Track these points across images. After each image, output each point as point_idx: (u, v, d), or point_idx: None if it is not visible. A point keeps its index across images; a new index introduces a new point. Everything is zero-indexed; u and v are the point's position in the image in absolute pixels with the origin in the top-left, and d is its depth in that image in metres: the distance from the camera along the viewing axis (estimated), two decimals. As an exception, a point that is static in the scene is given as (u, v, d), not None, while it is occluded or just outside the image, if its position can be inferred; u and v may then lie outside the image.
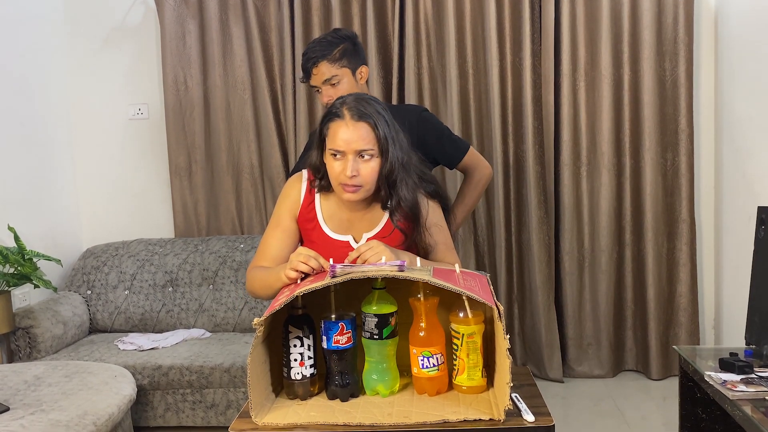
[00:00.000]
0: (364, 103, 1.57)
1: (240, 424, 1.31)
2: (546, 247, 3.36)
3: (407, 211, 1.63)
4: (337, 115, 1.57)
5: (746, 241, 2.88)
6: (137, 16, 3.62)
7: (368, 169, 1.56)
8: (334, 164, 1.57)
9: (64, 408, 2.19)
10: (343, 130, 1.55)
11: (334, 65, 2.14)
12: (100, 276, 3.37)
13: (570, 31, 3.32)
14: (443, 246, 1.71)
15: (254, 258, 1.70)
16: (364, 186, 1.58)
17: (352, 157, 1.55)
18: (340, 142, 1.54)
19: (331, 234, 1.68)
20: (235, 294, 3.29)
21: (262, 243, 1.72)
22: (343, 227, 1.68)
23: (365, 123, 1.55)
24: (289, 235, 1.70)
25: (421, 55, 3.40)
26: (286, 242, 1.69)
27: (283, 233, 1.70)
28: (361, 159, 1.56)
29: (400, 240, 1.67)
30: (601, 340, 3.45)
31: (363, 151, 1.55)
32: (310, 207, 1.69)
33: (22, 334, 2.94)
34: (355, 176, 1.55)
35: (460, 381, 1.42)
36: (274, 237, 1.70)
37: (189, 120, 3.56)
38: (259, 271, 1.63)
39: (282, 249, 1.68)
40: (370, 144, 1.55)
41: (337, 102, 1.61)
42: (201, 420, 2.84)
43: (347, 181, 1.55)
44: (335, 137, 1.56)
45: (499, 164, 3.38)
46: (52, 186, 3.49)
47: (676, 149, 3.32)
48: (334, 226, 1.68)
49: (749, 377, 1.65)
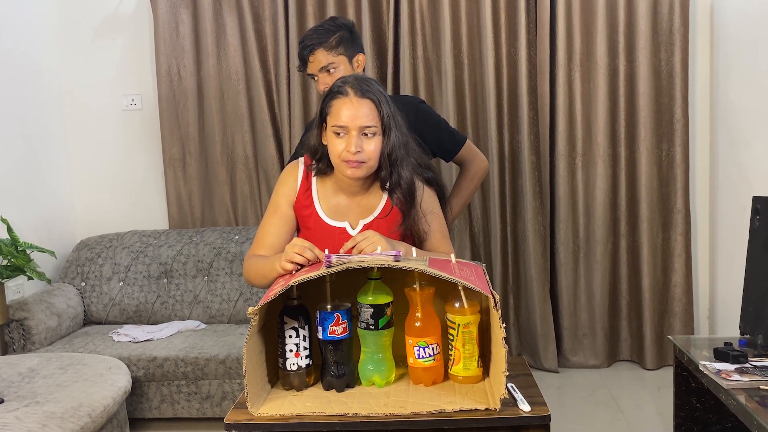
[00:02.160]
0: (366, 82, 1.59)
1: (235, 415, 1.31)
2: (541, 237, 3.36)
3: (405, 190, 1.64)
4: (340, 92, 1.57)
5: (741, 231, 2.88)
6: (130, 6, 3.59)
7: (372, 146, 1.57)
8: (336, 142, 1.57)
9: (58, 400, 2.19)
10: (348, 107, 1.55)
11: (331, 53, 2.13)
12: (95, 268, 3.36)
13: (565, 21, 3.31)
14: (439, 234, 1.71)
15: (251, 246, 1.70)
16: (367, 162, 1.57)
17: (356, 133, 1.55)
18: (345, 119, 1.54)
19: (327, 220, 1.67)
20: (230, 285, 3.28)
21: (259, 231, 1.72)
22: (339, 213, 1.68)
23: (369, 100, 1.56)
24: (286, 221, 1.69)
25: (416, 45, 3.38)
26: (283, 229, 1.69)
27: (280, 220, 1.69)
28: (365, 137, 1.56)
29: (398, 221, 1.66)
30: (596, 331, 3.46)
31: (367, 128, 1.55)
32: (307, 193, 1.69)
33: (16, 326, 2.93)
34: (359, 152, 1.55)
35: (456, 371, 1.42)
36: (271, 224, 1.70)
37: (183, 111, 3.54)
38: (255, 260, 1.62)
39: (279, 236, 1.68)
40: (374, 121, 1.56)
41: (338, 81, 1.62)
42: (196, 411, 2.84)
43: (351, 157, 1.55)
44: (339, 114, 1.56)
45: (495, 155, 3.37)
46: (45, 177, 3.47)
47: (671, 140, 3.33)
48: (330, 212, 1.68)
49: (743, 366, 1.65)
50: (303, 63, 2.18)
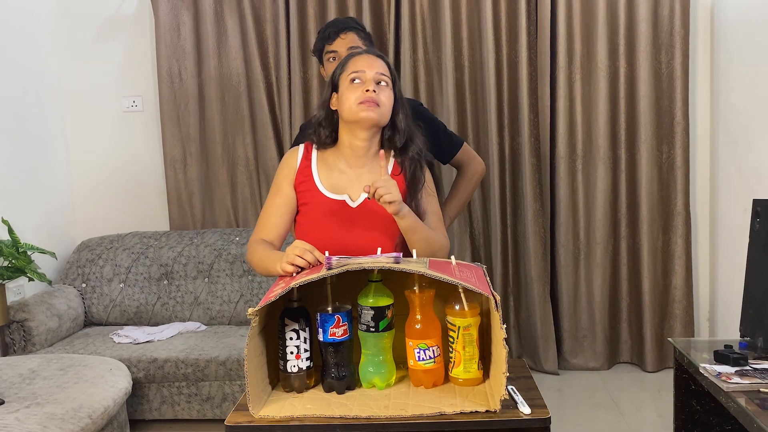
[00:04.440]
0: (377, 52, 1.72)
1: (236, 417, 1.31)
2: (541, 239, 3.36)
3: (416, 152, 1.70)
4: (353, 55, 1.70)
5: (741, 233, 2.88)
6: (131, 7, 3.59)
7: (386, 94, 1.65)
8: (353, 87, 1.64)
9: (59, 401, 2.19)
10: (364, 58, 1.67)
11: (362, 40, 2.26)
12: (95, 269, 3.36)
13: (566, 23, 3.31)
14: (435, 216, 1.73)
15: (255, 229, 1.73)
16: (381, 107, 1.63)
17: (372, 79, 1.63)
18: (361, 66, 1.65)
19: (326, 193, 1.68)
20: (231, 287, 3.28)
21: (261, 213, 1.75)
22: (339, 187, 1.69)
23: (381, 60, 1.68)
24: (286, 201, 1.71)
25: (417, 47, 3.39)
26: (284, 209, 1.71)
27: (281, 200, 1.71)
28: (379, 86, 1.64)
29: (403, 189, 1.68)
30: (596, 333, 3.46)
31: (382, 76, 1.65)
32: (307, 171, 1.71)
33: (17, 327, 2.93)
34: (376, 93, 1.62)
35: (457, 373, 1.42)
36: (273, 205, 1.72)
37: (184, 112, 3.54)
38: (258, 249, 1.63)
39: (281, 216, 1.70)
40: (387, 74, 1.66)
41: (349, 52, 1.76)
42: (196, 413, 2.84)
43: (368, 96, 1.61)
44: (355, 64, 1.66)
45: (495, 157, 3.37)
46: (46, 178, 3.48)
47: (671, 142, 3.33)
48: (330, 186, 1.69)
49: (744, 369, 1.65)
50: (330, 39, 2.23)
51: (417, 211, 1.67)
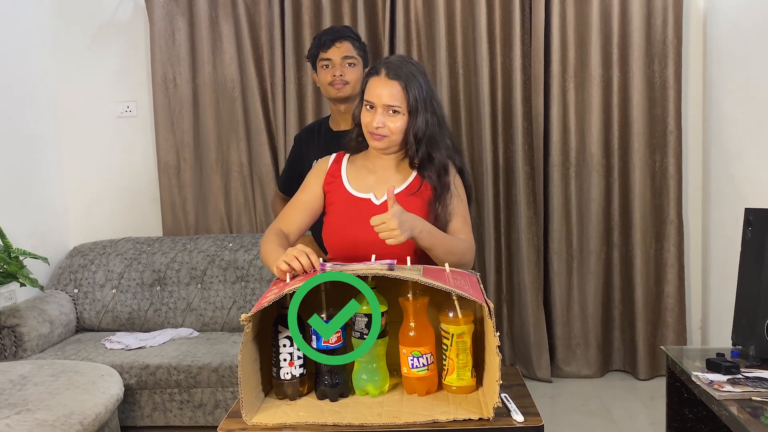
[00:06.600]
0: (403, 64, 1.70)
1: (228, 424, 1.30)
2: (535, 247, 3.37)
3: (438, 166, 1.71)
4: (376, 71, 1.70)
5: (733, 242, 2.90)
6: (126, 13, 3.59)
7: (394, 124, 1.68)
8: (366, 114, 1.71)
9: (50, 407, 2.17)
10: (376, 85, 1.68)
11: (356, 50, 2.31)
12: (88, 274, 3.35)
13: (560, 32, 3.33)
14: (461, 219, 1.73)
15: (276, 219, 1.81)
16: (389, 137, 1.69)
17: (381, 110, 1.67)
18: (372, 95, 1.68)
19: (352, 191, 1.74)
20: (224, 293, 3.27)
21: (285, 206, 1.82)
22: (365, 186, 1.75)
23: (398, 82, 1.67)
24: (312, 198, 1.78)
25: (411, 55, 3.39)
26: (308, 205, 1.78)
27: (307, 196, 1.79)
28: (389, 114, 1.67)
29: (427, 199, 1.71)
30: (589, 341, 3.46)
31: (391, 107, 1.66)
32: (336, 173, 1.79)
33: (8, 332, 2.91)
34: (381, 128, 1.67)
35: (450, 381, 1.42)
36: (297, 200, 1.80)
37: (178, 118, 3.54)
38: (269, 240, 1.69)
39: (302, 212, 1.77)
40: (399, 101, 1.66)
41: (380, 60, 1.76)
42: (189, 420, 2.82)
43: (373, 130, 1.68)
44: (369, 91, 1.70)
45: (489, 164, 3.38)
46: (39, 183, 3.46)
47: (664, 151, 3.34)
48: (356, 185, 1.75)
49: (736, 377, 1.66)
50: (326, 46, 2.28)
51: (443, 216, 1.71)
